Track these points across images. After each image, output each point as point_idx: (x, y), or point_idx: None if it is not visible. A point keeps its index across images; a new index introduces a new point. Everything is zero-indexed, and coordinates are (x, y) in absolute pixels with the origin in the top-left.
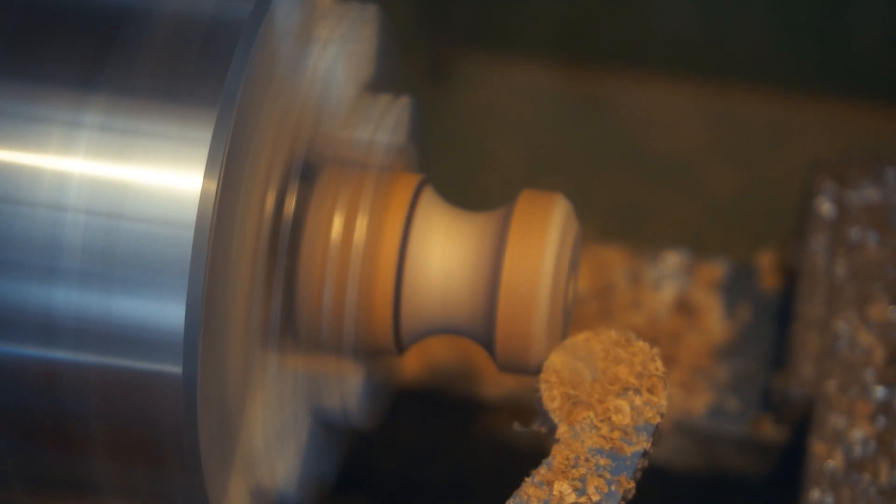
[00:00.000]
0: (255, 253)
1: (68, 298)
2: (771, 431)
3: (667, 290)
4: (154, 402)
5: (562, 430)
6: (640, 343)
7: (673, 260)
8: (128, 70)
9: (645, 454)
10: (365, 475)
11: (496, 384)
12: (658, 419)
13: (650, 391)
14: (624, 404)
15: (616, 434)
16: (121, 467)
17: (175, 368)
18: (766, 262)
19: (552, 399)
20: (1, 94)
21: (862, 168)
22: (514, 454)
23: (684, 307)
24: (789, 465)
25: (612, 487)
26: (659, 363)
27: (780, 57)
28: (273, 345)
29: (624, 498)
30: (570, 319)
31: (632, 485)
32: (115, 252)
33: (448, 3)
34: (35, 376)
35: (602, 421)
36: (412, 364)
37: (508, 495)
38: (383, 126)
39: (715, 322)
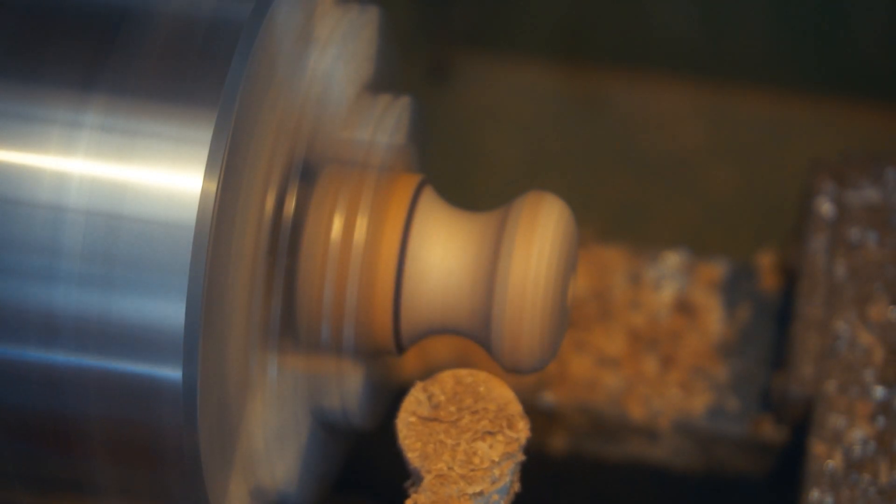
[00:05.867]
0: (255, 253)
1: (68, 299)
2: (771, 431)
3: (667, 290)
4: (154, 402)
5: (427, 479)
6: (496, 382)
7: (673, 260)
8: (128, 70)
9: (511, 486)
10: (365, 475)
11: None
12: (520, 454)
13: (509, 427)
14: (481, 445)
15: (478, 474)
16: (121, 468)
17: (175, 369)
18: (766, 262)
19: (411, 449)
20: (1, 94)
21: (862, 168)
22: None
23: (684, 307)
24: (789, 465)
25: None
26: (515, 401)
27: (780, 57)
28: (273, 345)
29: None
30: (568, 319)
31: None
32: (115, 252)
33: (448, 3)
34: (35, 377)
35: (463, 464)
36: (412, 364)
37: None
38: (383, 126)
39: (715, 322)
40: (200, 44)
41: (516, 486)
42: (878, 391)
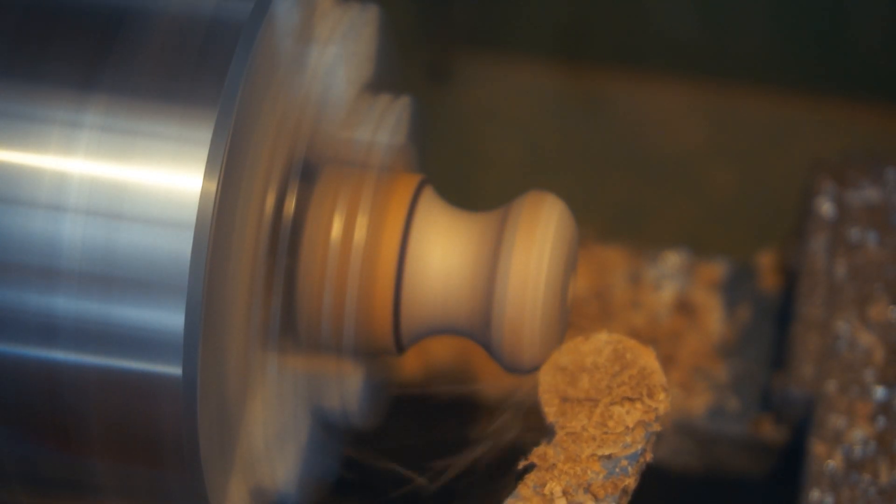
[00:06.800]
0: (255, 253)
1: (68, 299)
2: (771, 431)
3: (667, 290)
4: (154, 402)
5: (559, 435)
6: (644, 351)
7: (673, 260)
8: (128, 70)
9: (643, 455)
10: (365, 475)
11: (496, 384)
12: (656, 424)
13: (648, 396)
14: (618, 410)
15: (611, 438)
16: (121, 468)
17: (175, 369)
18: (766, 262)
19: (549, 403)
20: (1, 94)
21: (862, 168)
22: (514, 454)
23: (684, 307)
24: (789, 465)
25: (608, 490)
26: (659, 372)
27: (780, 57)
28: (273, 345)
29: (623, 495)
30: (568, 319)
31: (629, 482)
32: (114, 252)
33: (448, 3)
34: (35, 377)
35: (598, 426)
36: (412, 364)
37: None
38: (383, 126)
39: (715, 322)
40: (200, 44)
41: (648, 456)
42: (879, 391)
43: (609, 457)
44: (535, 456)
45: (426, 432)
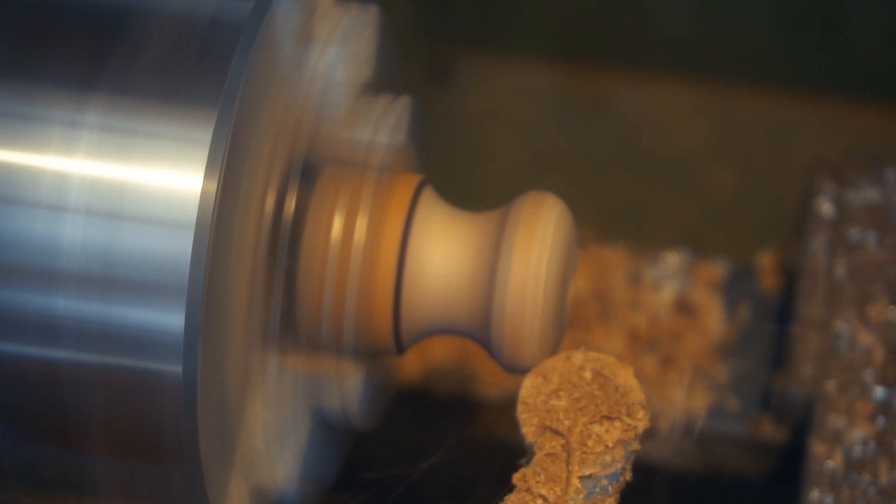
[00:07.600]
0: (255, 253)
1: (68, 299)
2: (771, 431)
3: (667, 290)
4: (154, 402)
5: (538, 456)
6: (619, 365)
7: (673, 260)
8: (128, 70)
9: (622, 474)
10: (364, 475)
11: (496, 384)
12: (635, 442)
13: (628, 414)
14: (598, 429)
15: (590, 457)
16: (121, 467)
17: (175, 368)
18: (766, 262)
19: (528, 425)
20: (1, 94)
21: (862, 168)
22: (514, 454)
23: (684, 307)
24: (789, 465)
25: None
26: (638, 390)
27: (780, 57)
28: (273, 345)
29: None
30: (567, 319)
31: (609, 501)
32: (114, 252)
33: (448, 3)
34: (35, 376)
35: (577, 446)
36: (412, 364)
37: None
38: (383, 126)
39: (715, 322)
40: (200, 43)
41: (628, 475)
42: (878, 391)
43: (589, 476)
44: (514, 478)
45: (426, 432)
